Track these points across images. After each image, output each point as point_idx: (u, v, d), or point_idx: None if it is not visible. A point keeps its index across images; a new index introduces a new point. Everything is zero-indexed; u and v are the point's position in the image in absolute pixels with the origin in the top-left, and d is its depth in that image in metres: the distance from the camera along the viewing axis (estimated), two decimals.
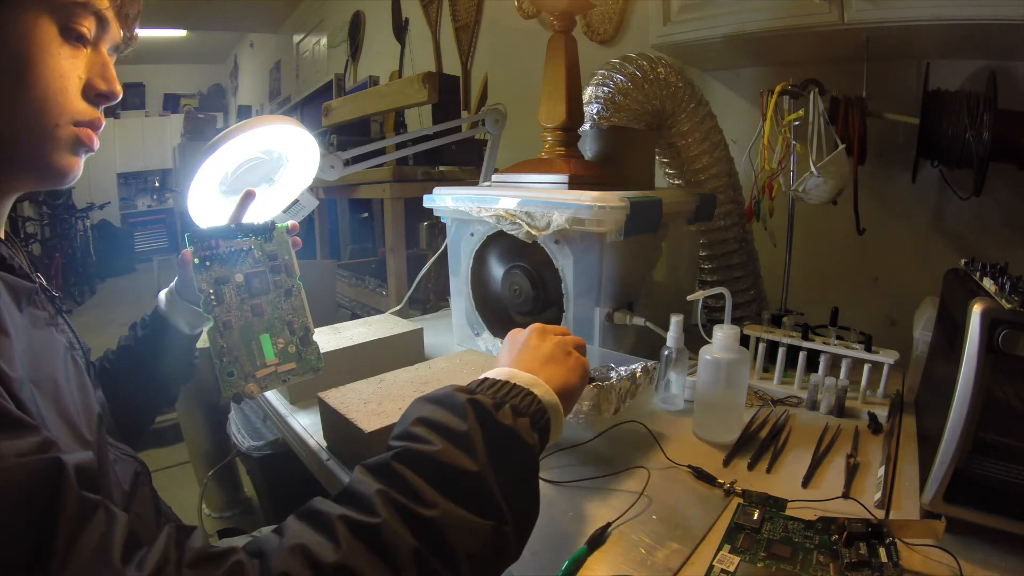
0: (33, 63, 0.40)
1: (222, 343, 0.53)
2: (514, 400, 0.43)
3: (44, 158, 0.43)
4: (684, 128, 1.05)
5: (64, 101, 0.42)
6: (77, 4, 0.42)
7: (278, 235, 0.63)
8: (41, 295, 0.47)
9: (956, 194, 0.94)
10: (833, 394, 0.75)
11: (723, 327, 0.66)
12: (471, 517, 0.35)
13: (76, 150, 0.45)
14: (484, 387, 0.44)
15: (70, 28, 0.42)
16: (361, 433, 0.57)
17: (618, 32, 1.50)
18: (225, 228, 0.60)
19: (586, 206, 0.73)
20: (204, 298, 0.56)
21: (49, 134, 0.42)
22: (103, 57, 0.46)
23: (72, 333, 0.52)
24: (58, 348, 0.45)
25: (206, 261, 0.58)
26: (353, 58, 3.09)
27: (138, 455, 0.55)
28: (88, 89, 0.44)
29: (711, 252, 1.08)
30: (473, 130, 1.32)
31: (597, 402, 0.63)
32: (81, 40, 0.43)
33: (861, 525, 0.48)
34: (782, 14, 0.90)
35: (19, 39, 0.39)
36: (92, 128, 0.45)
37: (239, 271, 0.59)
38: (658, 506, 0.55)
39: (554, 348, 0.50)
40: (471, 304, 0.98)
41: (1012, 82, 0.86)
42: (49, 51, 0.41)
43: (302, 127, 0.62)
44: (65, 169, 0.45)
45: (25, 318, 0.43)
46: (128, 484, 0.48)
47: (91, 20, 0.43)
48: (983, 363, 0.45)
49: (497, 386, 0.44)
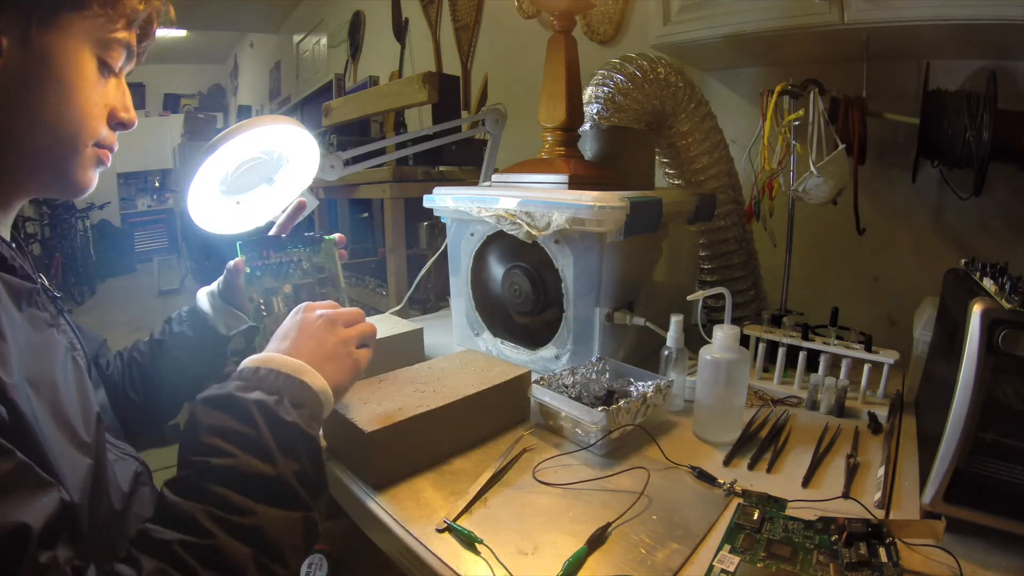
0: (76, 89, 0.43)
1: None
2: (291, 392, 0.46)
3: (70, 173, 0.47)
4: (684, 128, 1.05)
5: (96, 126, 0.46)
6: (116, 40, 0.45)
7: (326, 247, 0.64)
8: (43, 296, 0.48)
9: (956, 194, 0.94)
10: (833, 394, 0.75)
11: (723, 327, 0.66)
12: (284, 513, 0.40)
13: (95, 167, 0.49)
14: (260, 379, 0.46)
15: (105, 60, 0.45)
16: (361, 433, 0.57)
17: (618, 32, 1.50)
18: (276, 239, 0.61)
19: (586, 206, 0.73)
20: (254, 308, 0.57)
21: (79, 152, 0.46)
22: (124, 87, 0.49)
23: (74, 333, 0.52)
24: (58, 349, 0.46)
25: (256, 271, 0.59)
26: (353, 58, 3.09)
27: (140, 455, 0.55)
28: (111, 117, 0.48)
29: (711, 252, 1.08)
30: (473, 130, 1.31)
31: (607, 424, 0.62)
32: (111, 72, 0.47)
33: (861, 525, 0.48)
34: (782, 14, 0.90)
35: (67, 66, 0.42)
36: (110, 150, 0.49)
37: (288, 282, 0.60)
38: (658, 506, 0.55)
39: (337, 346, 0.52)
40: (471, 304, 0.98)
41: (1012, 82, 0.86)
42: (90, 80, 0.44)
43: (302, 127, 0.62)
44: (86, 184, 0.48)
45: (25, 319, 0.43)
46: (128, 485, 0.49)
47: (122, 53, 0.47)
48: (983, 363, 0.45)
49: (272, 376, 0.46)
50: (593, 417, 0.63)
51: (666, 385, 0.70)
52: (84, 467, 0.41)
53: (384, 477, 0.59)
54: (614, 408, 0.63)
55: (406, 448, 0.60)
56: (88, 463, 0.42)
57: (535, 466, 0.61)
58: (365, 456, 0.58)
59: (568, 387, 0.74)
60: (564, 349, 0.85)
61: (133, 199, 6.72)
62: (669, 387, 0.71)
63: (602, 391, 0.76)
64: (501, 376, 0.70)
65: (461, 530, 0.50)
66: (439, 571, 0.48)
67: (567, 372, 0.75)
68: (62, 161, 0.45)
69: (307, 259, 0.61)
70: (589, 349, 0.83)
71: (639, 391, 0.74)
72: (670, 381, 0.72)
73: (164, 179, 6.72)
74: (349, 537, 0.82)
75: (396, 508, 0.55)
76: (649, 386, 0.72)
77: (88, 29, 0.43)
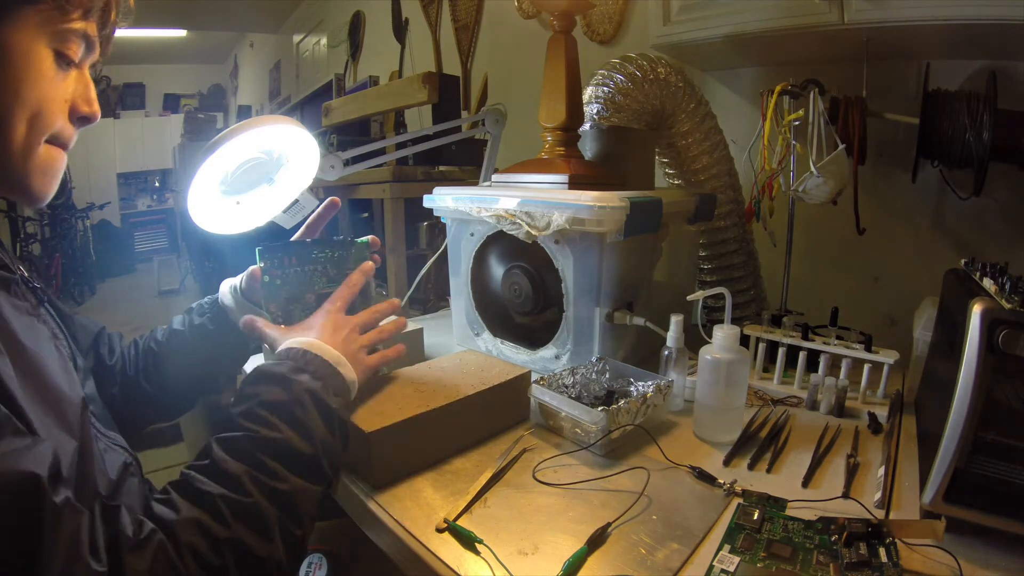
0: (31, 85, 0.41)
1: None
2: (332, 380, 0.53)
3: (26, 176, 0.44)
4: (684, 128, 1.05)
5: (51, 121, 0.44)
6: (72, 31, 0.43)
7: (357, 252, 0.58)
8: (21, 286, 0.48)
9: (956, 194, 0.94)
10: (833, 394, 0.75)
11: (723, 327, 0.66)
12: (310, 486, 0.47)
13: (50, 172, 0.46)
14: (308, 361, 0.52)
15: (62, 52, 0.43)
16: (361, 433, 0.57)
17: (618, 32, 1.50)
18: (301, 244, 0.56)
19: (586, 206, 0.73)
20: (271, 318, 0.54)
21: (32, 151, 0.43)
22: (86, 79, 0.47)
23: (56, 323, 0.52)
24: (42, 335, 0.46)
25: (276, 280, 0.54)
26: (353, 58, 3.09)
27: (135, 453, 0.55)
28: (72, 112, 0.46)
29: (711, 252, 1.08)
30: (473, 130, 1.31)
31: (607, 424, 0.62)
32: (70, 64, 0.44)
33: (861, 525, 0.48)
34: (782, 14, 0.90)
35: (18, 60, 0.40)
36: (64, 147, 0.47)
37: (311, 291, 0.56)
38: (658, 506, 0.55)
39: (357, 352, 0.58)
40: (471, 304, 0.98)
41: (1012, 82, 0.86)
42: (46, 75, 0.42)
43: (302, 127, 0.62)
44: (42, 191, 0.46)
45: (8, 304, 0.44)
46: (115, 473, 0.49)
47: (80, 44, 0.44)
48: (983, 363, 0.45)
49: (318, 362, 0.53)
50: (593, 417, 0.63)
51: (666, 385, 0.70)
52: (71, 448, 0.42)
53: (384, 477, 0.59)
54: (614, 408, 0.63)
55: (406, 448, 0.60)
56: (74, 444, 0.42)
57: (535, 466, 0.61)
58: (365, 456, 0.58)
59: (568, 387, 0.74)
60: (564, 349, 0.85)
61: (133, 199, 6.72)
62: (669, 387, 0.71)
63: (602, 391, 0.76)
64: (501, 376, 0.70)
65: (461, 530, 0.50)
66: (439, 571, 0.48)
67: (567, 372, 0.75)
68: (15, 160, 0.42)
69: (334, 264, 0.57)
70: (589, 349, 0.83)
71: (639, 391, 0.74)
72: (670, 381, 0.72)
73: (164, 179, 6.71)
74: (349, 537, 0.82)
75: (396, 508, 0.55)
76: (649, 386, 0.72)
77: (42, 22, 0.41)
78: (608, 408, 0.63)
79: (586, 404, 0.66)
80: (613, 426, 0.63)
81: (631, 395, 0.73)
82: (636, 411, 0.66)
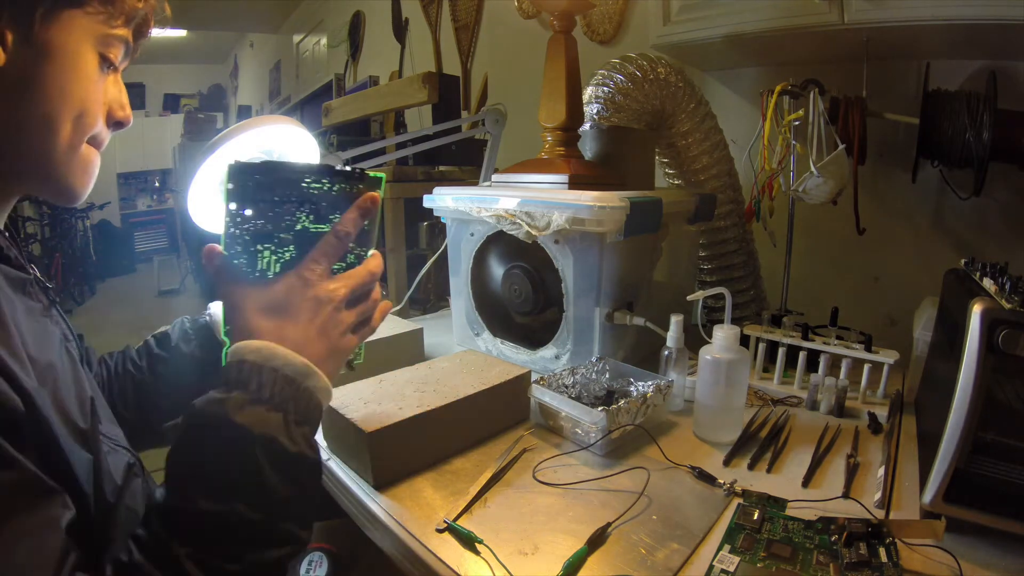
0: (79, 85, 0.42)
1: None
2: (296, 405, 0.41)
3: (68, 175, 0.45)
4: (684, 128, 1.05)
5: (94, 123, 0.45)
6: (116, 36, 0.44)
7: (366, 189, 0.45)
8: (35, 286, 0.48)
9: (956, 194, 0.94)
10: (833, 394, 0.75)
11: (723, 327, 0.66)
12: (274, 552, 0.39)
13: (88, 171, 0.47)
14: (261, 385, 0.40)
15: (106, 56, 0.44)
16: (361, 433, 0.57)
17: (618, 32, 1.50)
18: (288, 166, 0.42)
19: (586, 206, 0.73)
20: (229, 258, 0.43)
21: (76, 149, 0.44)
22: (120, 84, 0.48)
23: (65, 324, 0.52)
24: (54, 338, 0.46)
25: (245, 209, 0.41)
26: (353, 58, 3.09)
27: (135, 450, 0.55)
28: (108, 116, 0.47)
29: (711, 252, 1.08)
30: (473, 130, 1.31)
31: (607, 424, 0.62)
32: (111, 67, 0.45)
33: (861, 525, 0.48)
34: (782, 14, 0.90)
35: (70, 62, 0.42)
36: (98, 148, 0.47)
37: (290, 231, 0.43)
38: (658, 506, 0.55)
39: (339, 338, 0.46)
40: (471, 304, 0.98)
41: (1012, 82, 0.86)
42: (91, 76, 0.43)
43: (302, 127, 0.62)
44: (80, 188, 0.46)
45: (23, 308, 0.44)
46: (120, 476, 0.48)
47: (122, 49, 0.46)
48: (983, 363, 0.45)
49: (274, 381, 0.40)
50: (593, 417, 0.63)
51: (666, 385, 0.70)
52: (86, 459, 0.41)
53: (384, 477, 0.59)
54: (614, 408, 0.63)
55: (406, 448, 0.60)
56: (89, 458, 0.42)
57: (535, 466, 0.61)
58: (365, 456, 0.58)
59: (568, 387, 0.74)
60: (564, 349, 0.85)
61: (133, 199, 6.73)
62: (669, 387, 0.71)
63: (602, 391, 0.76)
64: (501, 376, 0.70)
65: (461, 530, 0.50)
66: (439, 571, 0.47)
67: (567, 372, 0.75)
68: (60, 157, 0.43)
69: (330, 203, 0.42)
70: (589, 349, 0.83)
71: (639, 391, 0.74)
72: (670, 381, 0.72)
73: (164, 179, 6.72)
74: (349, 536, 0.82)
75: (396, 508, 0.55)
76: (649, 386, 0.72)
77: (89, 25, 0.43)
78: (608, 408, 0.63)
79: (586, 404, 0.66)
80: (613, 426, 0.63)
81: (631, 395, 0.73)
82: (636, 411, 0.66)
